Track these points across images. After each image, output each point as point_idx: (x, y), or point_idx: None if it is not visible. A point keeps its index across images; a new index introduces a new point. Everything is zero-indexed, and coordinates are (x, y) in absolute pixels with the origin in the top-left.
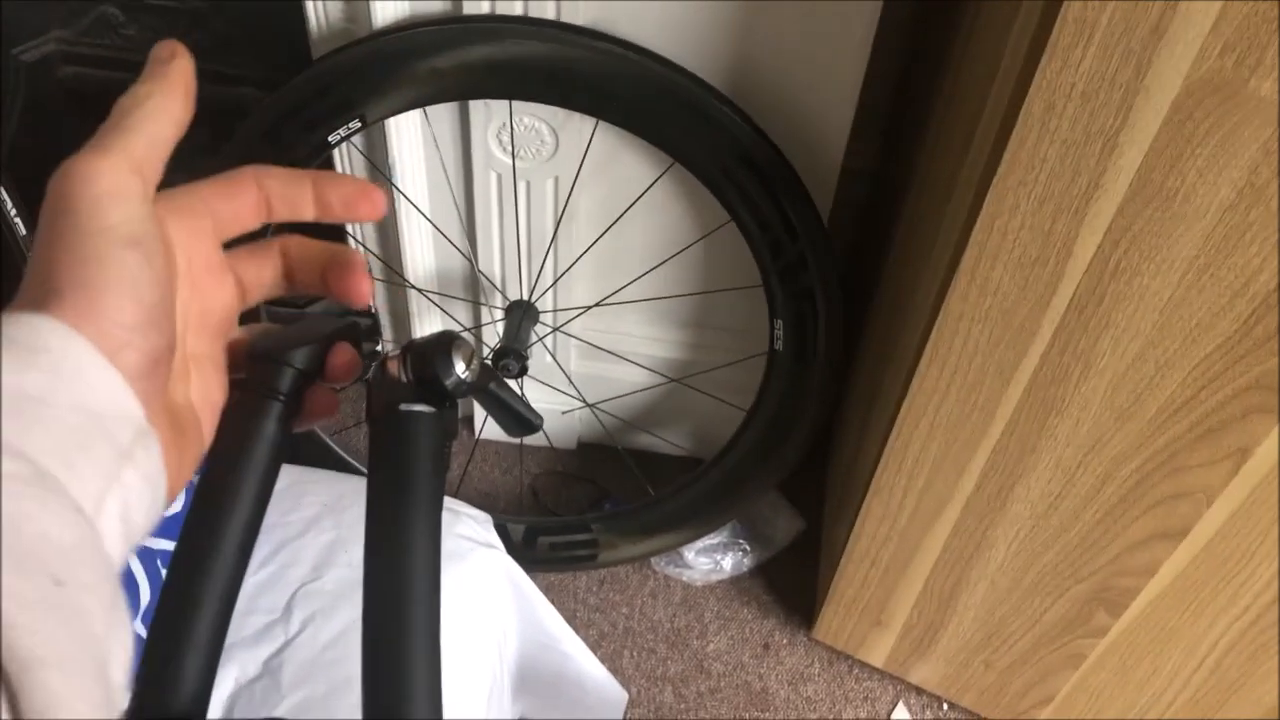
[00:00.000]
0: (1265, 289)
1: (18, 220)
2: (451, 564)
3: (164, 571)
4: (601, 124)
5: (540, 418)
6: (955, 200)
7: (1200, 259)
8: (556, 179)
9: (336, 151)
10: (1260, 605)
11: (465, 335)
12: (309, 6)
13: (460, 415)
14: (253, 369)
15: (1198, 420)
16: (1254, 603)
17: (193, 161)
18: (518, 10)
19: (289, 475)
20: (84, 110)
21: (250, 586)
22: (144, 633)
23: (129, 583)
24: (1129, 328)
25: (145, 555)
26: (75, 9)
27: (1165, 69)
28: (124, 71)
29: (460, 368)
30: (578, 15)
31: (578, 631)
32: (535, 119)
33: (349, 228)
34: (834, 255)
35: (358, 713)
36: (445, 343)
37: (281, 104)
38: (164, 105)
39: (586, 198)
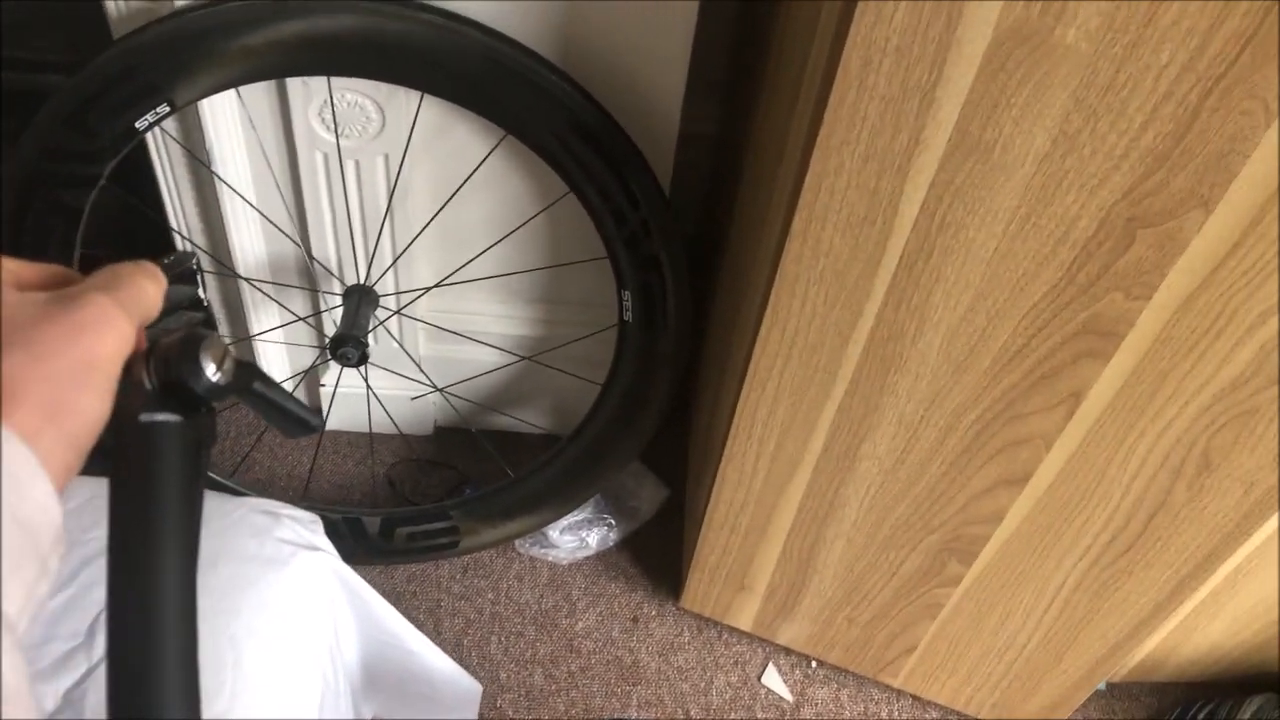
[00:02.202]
0: (1084, 235)
1: None
2: (271, 570)
3: None
4: (429, 97)
5: (318, 418)
6: (785, 162)
7: (1022, 209)
8: (386, 156)
9: (150, 139)
10: (1100, 544)
11: (215, 334)
12: None
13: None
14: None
15: (1031, 368)
16: (1093, 542)
17: None
18: None
19: (90, 487)
20: None
21: (48, 612)
22: None
23: None
24: (959, 280)
25: None
26: None
27: (975, 20)
28: None
29: (210, 370)
30: None
31: (442, 621)
32: (358, 95)
33: (172, 219)
34: (677, 222)
35: None
36: (192, 343)
37: (83, 89)
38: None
39: (420, 174)
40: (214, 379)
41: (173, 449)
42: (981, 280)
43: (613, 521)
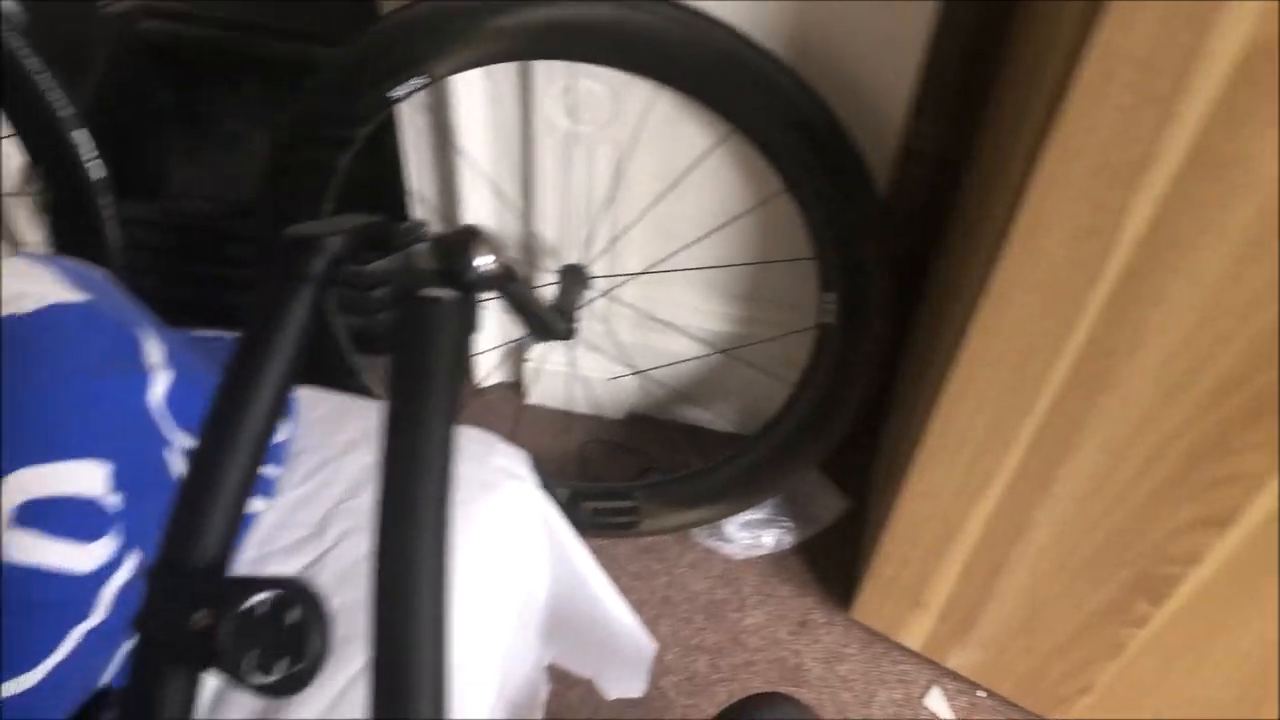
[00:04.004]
0: None
1: (94, 164)
2: (483, 493)
3: None
4: (661, 90)
5: (566, 326)
6: (1010, 170)
7: (1256, 233)
8: (615, 144)
9: (401, 109)
10: None
11: (490, 232)
12: None
13: (514, 380)
14: (291, 257)
15: (1250, 400)
16: None
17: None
18: None
19: (333, 401)
20: (161, 62)
21: (288, 502)
22: None
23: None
24: (1181, 301)
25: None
26: None
27: (1227, 30)
28: (198, 27)
29: (481, 260)
30: None
31: None
32: (596, 82)
33: (410, 184)
34: (889, 229)
35: None
36: (470, 236)
37: (348, 59)
38: None
39: (643, 164)
40: (483, 268)
41: (446, 320)
42: (1206, 303)
43: (790, 524)
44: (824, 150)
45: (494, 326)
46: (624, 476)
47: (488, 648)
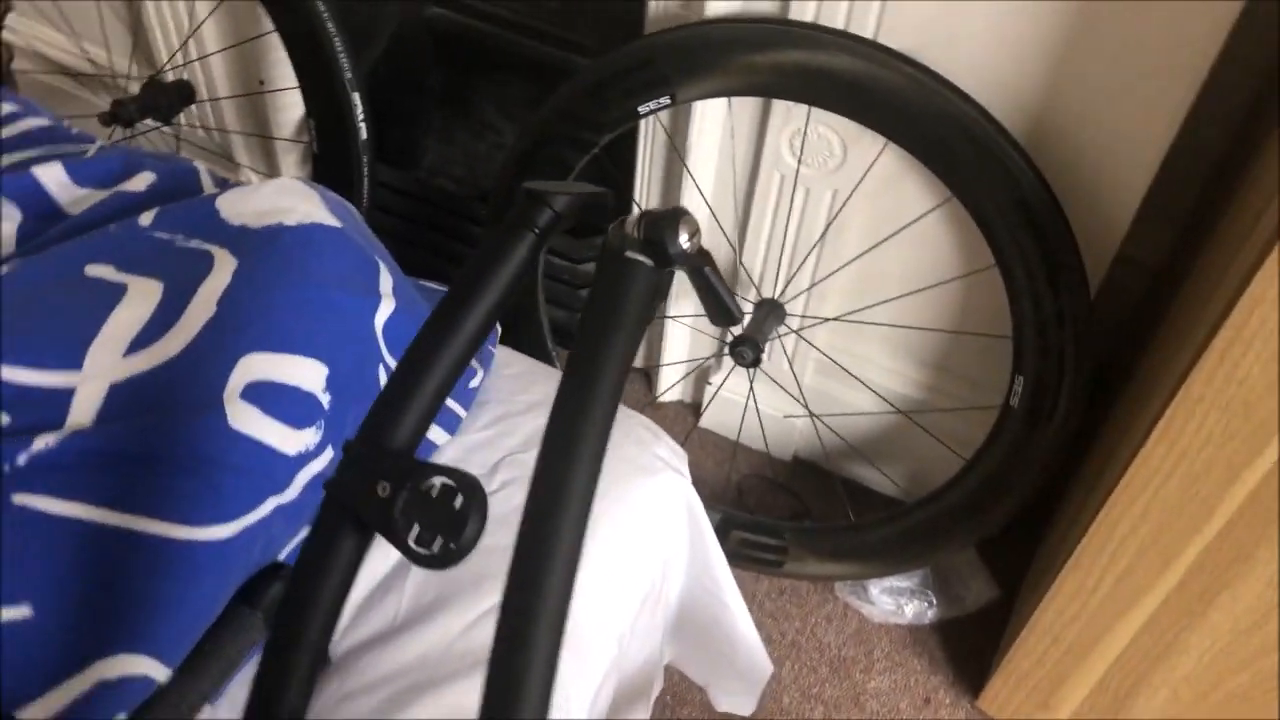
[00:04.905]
0: None
1: (363, 125)
2: (640, 475)
3: None
4: (890, 145)
5: (741, 313)
6: (1222, 286)
7: None
8: (835, 191)
9: (642, 124)
10: None
11: (692, 215)
12: None
13: (689, 401)
14: (521, 206)
15: None
16: None
17: (518, 110)
18: (839, 23)
19: (524, 363)
20: (439, 49)
21: (467, 442)
22: None
23: None
24: None
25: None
26: None
27: None
28: (481, 21)
29: (684, 238)
30: (894, 36)
31: None
32: (829, 129)
33: (638, 196)
34: (1093, 323)
35: None
36: (676, 214)
37: (605, 68)
38: None
39: (859, 215)
40: (682, 245)
41: (639, 282)
42: None
43: (934, 600)
44: (1041, 233)
45: (683, 345)
46: (777, 515)
47: (611, 618)
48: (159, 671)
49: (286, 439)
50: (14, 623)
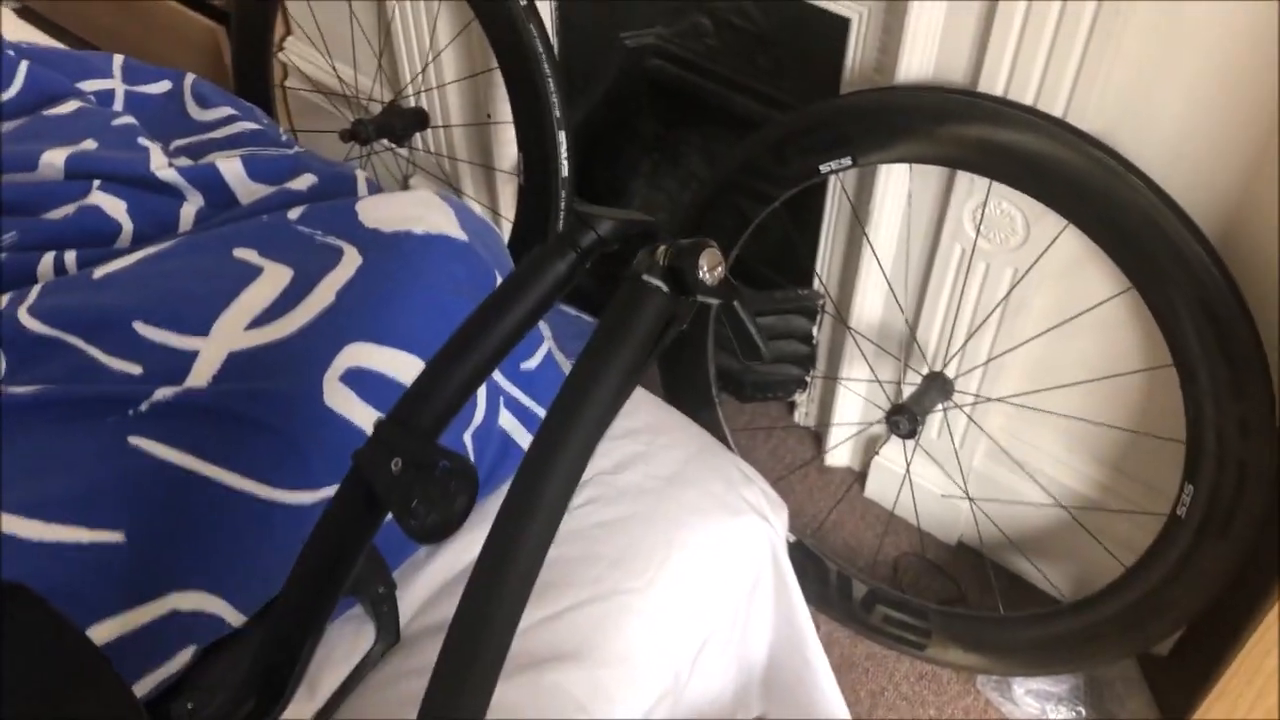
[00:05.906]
0: None
1: (565, 163)
2: (721, 513)
3: (503, 405)
4: (1073, 229)
5: (768, 352)
6: None
7: None
8: (1015, 270)
9: (829, 186)
10: None
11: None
12: (851, 53)
13: (841, 465)
14: (568, 226)
15: None
16: None
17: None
18: (1029, 97)
19: (638, 393)
20: (654, 98)
21: None
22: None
23: (471, 402)
24: None
25: (493, 389)
26: (678, 10)
27: None
28: (698, 75)
29: (701, 270)
30: (1084, 118)
31: (877, 708)
32: (1013, 206)
33: (819, 258)
34: (1275, 440)
35: (591, 589)
36: (698, 247)
37: (791, 125)
38: None
39: (1038, 295)
40: (700, 277)
41: (650, 306)
42: None
43: (1083, 711)
44: (1226, 337)
45: (855, 410)
46: (927, 597)
47: (668, 645)
48: (231, 615)
49: (373, 423)
50: (106, 545)
